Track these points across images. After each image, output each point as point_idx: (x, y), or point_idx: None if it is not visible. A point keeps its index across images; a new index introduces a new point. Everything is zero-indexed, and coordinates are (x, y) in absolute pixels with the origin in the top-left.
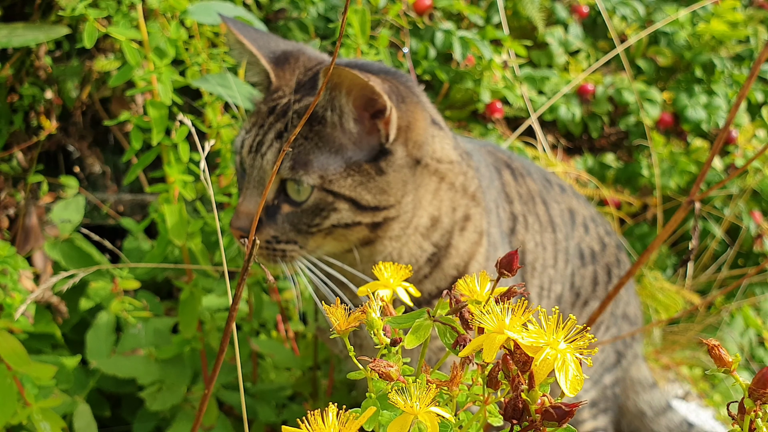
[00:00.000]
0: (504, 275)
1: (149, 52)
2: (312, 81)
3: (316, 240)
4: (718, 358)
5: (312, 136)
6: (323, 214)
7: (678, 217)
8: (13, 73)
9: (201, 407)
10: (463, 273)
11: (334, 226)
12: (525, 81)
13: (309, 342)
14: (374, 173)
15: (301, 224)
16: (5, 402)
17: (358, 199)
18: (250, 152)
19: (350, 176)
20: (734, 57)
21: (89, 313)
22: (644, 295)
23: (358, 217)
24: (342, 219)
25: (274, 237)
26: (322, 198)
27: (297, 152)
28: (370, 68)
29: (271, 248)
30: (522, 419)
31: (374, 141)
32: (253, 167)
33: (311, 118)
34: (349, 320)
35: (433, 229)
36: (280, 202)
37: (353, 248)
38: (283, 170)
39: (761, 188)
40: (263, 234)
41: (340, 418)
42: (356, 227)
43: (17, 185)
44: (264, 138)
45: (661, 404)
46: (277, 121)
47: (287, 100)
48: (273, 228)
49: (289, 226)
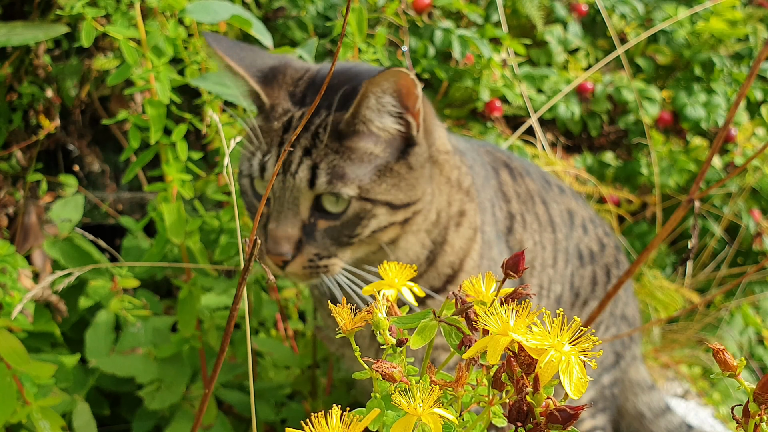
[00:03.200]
0: (510, 276)
1: (147, 50)
2: (312, 90)
3: (354, 249)
4: (723, 362)
5: (342, 149)
6: (363, 223)
7: (677, 215)
8: (12, 71)
9: (201, 406)
10: (458, 271)
11: (374, 232)
12: (524, 79)
13: (308, 340)
14: (404, 172)
15: (342, 236)
16: (5, 400)
17: (393, 200)
18: (277, 173)
19: (383, 181)
20: (733, 55)
21: (88, 311)
22: (643, 293)
23: (392, 217)
24: (380, 223)
25: (316, 254)
26: (361, 207)
27: (332, 166)
28: (365, 69)
29: (314, 266)
30: (527, 422)
31: (400, 139)
32: (283, 188)
33: (339, 129)
34: (355, 320)
35: (434, 224)
36: (315, 219)
37: (380, 248)
38: (320, 186)
39: (760, 186)
40: (305, 254)
41: (344, 419)
42: (390, 228)
43: (16, 184)
44: (290, 157)
45: (660, 406)
46: (299, 139)
47: (300, 115)
48: (314, 246)
49: (329, 241)
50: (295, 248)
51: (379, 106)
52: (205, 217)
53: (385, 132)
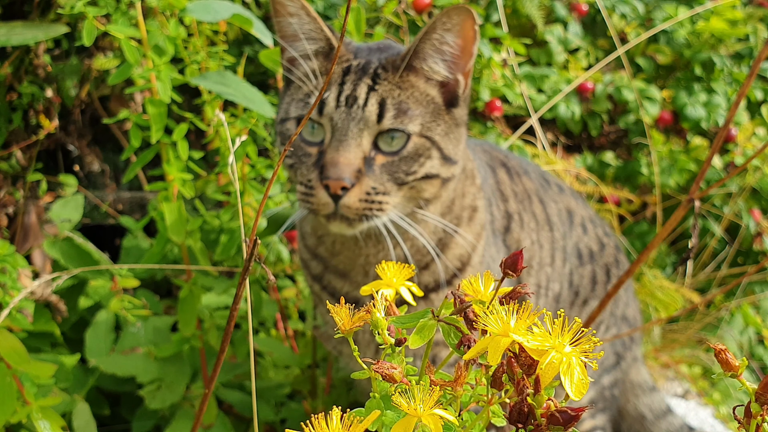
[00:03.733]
0: (509, 275)
1: (148, 50)
2: (360, 50)
3: (403, 192)
4: (725, 362)
5: (404, 85)
6: (420, 161)
7: (677, 215)
8: (12, 71)
9: (201, 406)
10: (466, 265)
11: (425, 177)
12: (524, 79)
13: (308, 340)
14: (451, 123)
15: (399, 172)
16: (5, 400)
17: (444, 148)
18: (339, 106)
19: (438, 124)
20: (734, 55)
21: (88, 311)
22: (644, 293)
23: (441, 167)
24: (432, 168)
25: (373, 188)
26: (421, 144)
27: (397, 102)
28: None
29: (369, 200)
30: (527, 423)
31: (447, 94)
32: (348, 119)
33: (396, 65)
34: (354, 319)
35: (449, 208)
36: (374, 153)
37: (412, 211)
38: (386, 120)
39: (761, 186)
40: (363, 185)
41: (344, 421)
42: (434, 180)
43: (16, 184)
44: (355, 92)
45: (661, 408)
46: (360, 78)
47: (358, 62)
48: (372, 178)
49: (386, 176)
50: (355, 177)
51: (440, 43)
52: (205, 217)
53: (436, 75)
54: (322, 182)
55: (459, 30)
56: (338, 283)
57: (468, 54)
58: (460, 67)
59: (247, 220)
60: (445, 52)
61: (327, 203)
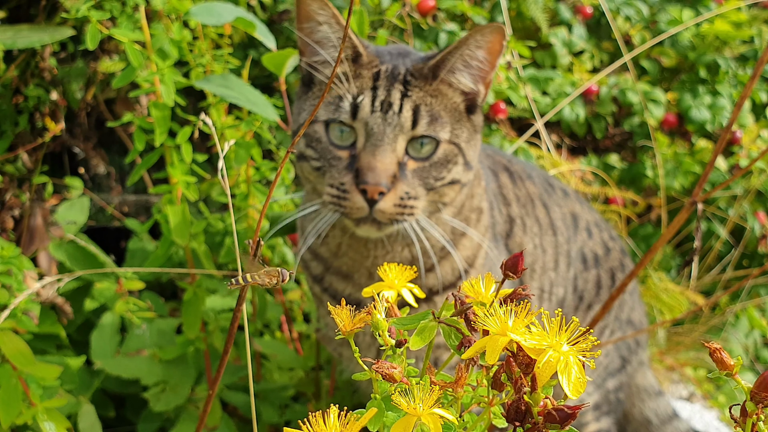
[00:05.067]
0: (509, 277)
1: (152, 53)
2: (382, 54)
3: (429, 196)
4: (719, 361)
5: (434, 92)
6: (449, 167)
7: (681, 218)
8: (18, 74)
9: (205, 408)
10: (470, 267)
11: (450, 182)
12: (529, 82)
13: (312, 342)
14: (471, 129)
15: (429, 177)
16: (10, 402)
17: (467, 153)
18: (375, 111)
19: (462, 131)
20: (738, 57)
21: (94, 313)
22: (648, 295)
23: (463, 174)
24: (457, 173)
25: (407, 193)
26: (450, 150)
27: (430, 108)
28: (412, 49)
29: (402, 204)
30: (525, 421)
31: (467, 101)
32: (384, 124)
33: (424, 74)
34: (355, 321)
35: (459, 211)
36: (407, 159)
37: (432, 212)
38: (420, 126)
39: (766, 189)
40: (398, 190)
41: (342, 419)
42: (456, 185)
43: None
44: (389, 98)
45: (667, 412)
46: (392, 84)
47: (386, 67)
48: (405, 183)
49: (418, 181)
50: (390, 182)
51: (469, 57)
52: (209, 219)
53: (462, 86)
54: (359, 186)
55: (490, 47)
56: (340, 284)
57: (492, 67)
58: (483, 79)
59: (252, 222)
60: (473, 66)
61: (362, 207)
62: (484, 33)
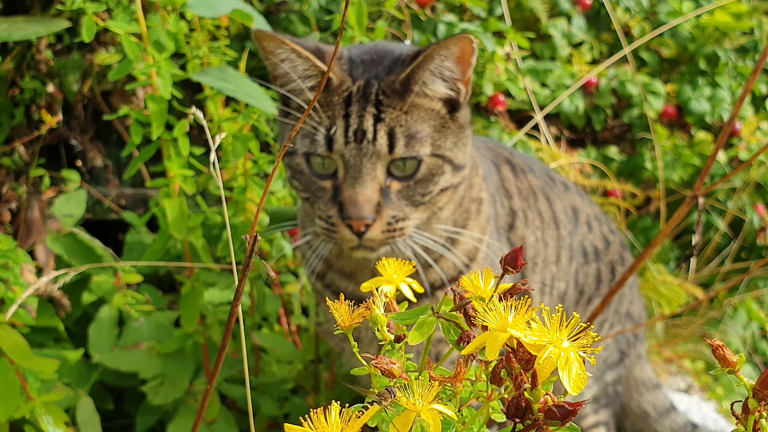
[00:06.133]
0: (508, 272)
1: (149, 45)
2: (355, 66)
3: (421, 210)
4: (721, 358)
5: (408, 108)
6: (435, 180)
7: (681, 211)
8: (14, 66)
9: (203, 401)
10: (472, 261)
11: (441, 191)
12: (528, 73)
13: (311, 335)
14: (456, 130)
15: (416, 195)
16: (8, 396)
17: (454, 158)
18: (348, 143)
19: (446, 136)
20: (738, 49)
21: (92, 306)
22: (647, 288)
23: (453, 178)
24: (445, 181)
25: (393, 217)
26: (433, 163)
27: (406, 128)
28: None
29: (391, 229)
30: (525, 418)
31: (448, 102)
32: (359, 155)
33: (396, 90)
34: (353, 316)
35: (458, 205)
36: (390, 182)
37: (428, 218)
38: (398, 150)
39: (765, 181)
40: (384, 217)
41: (343, 416)
42: (448, 191)
43: (19, 179)
44: (362, 125)
45: (665, 405)
46: (364, 108)
47: (357, 86)
48: (391, 208)
49: (404, 202)
50: (375, 211)
51: (438, 70)
52: (207, 213)
53: (438, 95)
54: (344, 221)
55: (458, 57)
56: (343, 282)
57: (467, 68)
58: (460, 80)
59: (249, 216)
60: (446, 76)
61: (351, 239)
62: (447, 46)
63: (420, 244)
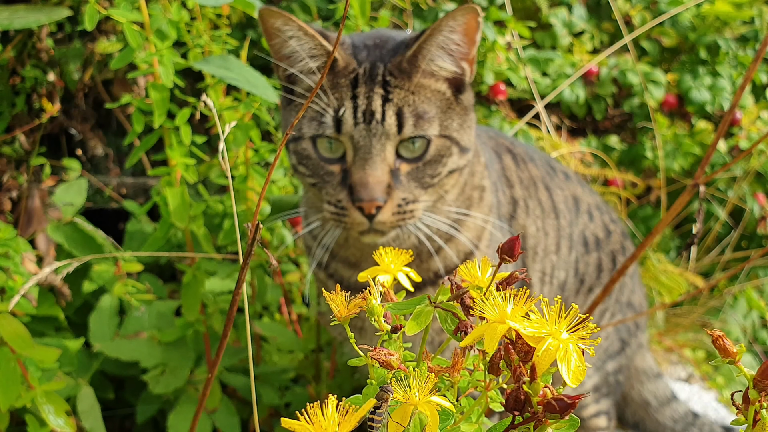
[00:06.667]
0: (505, 261)
1: (150, 34)
2: (359, 51)
3: (429, 193)
4: (722, 348)
5: (415, 88)
6: (443, 161)
7: (682, 200)
8: (15, 55)
9: (205, 391)
10: (475, 248)
11: (450, 173)
12: (529, 62)
13: (312, 325)
14: (462, 112)
15: (425, 177)
16: (9, 385)
17: (460, 140)
18: (358, 123)
19: (453, 118)
20: (739, 38)
21: (92, 295)
22: (648, 277)
23: (459, 160)
24: (453, 162)
25: (404, 199)
26: (441, 144)
27: (413, 108)
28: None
29: (402, 211)
30: (524, 410)
31: (454, 82)
32: (369, 136)
33: (403, 68)
34: (350, 307)
35: (461, 191)
36: (399, 164)
37: (434, 202)
38: (407, 130)
39: (765, 170)
40: (394, 199)
41: (340, 409)
42: (454, 174)
43: (20, 168)
44: (371, 106)
45: (666, 394)
46: (372, 89)
47: (363, 69)
48: (401, 190)
49: (414, 184)
50: (386, 193)
51: (445, 43)
52: (208, 202)
53: (444, 72)
54: (355, 204)
55: (465, 28)
56: (346, 272)
57: (473, 44)
58: (465, 58)
59: (251, 205)
60: (453, 50)
61: (362, 222)
62: (455, 17)
63: (430, 226)
